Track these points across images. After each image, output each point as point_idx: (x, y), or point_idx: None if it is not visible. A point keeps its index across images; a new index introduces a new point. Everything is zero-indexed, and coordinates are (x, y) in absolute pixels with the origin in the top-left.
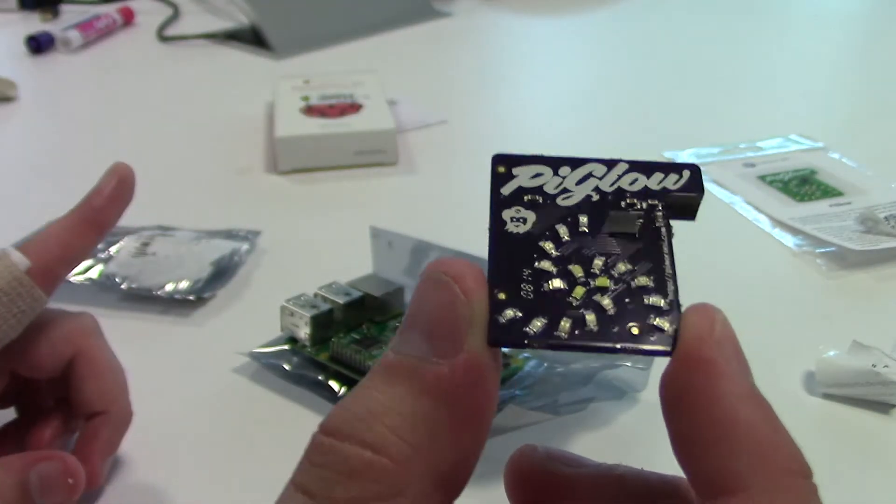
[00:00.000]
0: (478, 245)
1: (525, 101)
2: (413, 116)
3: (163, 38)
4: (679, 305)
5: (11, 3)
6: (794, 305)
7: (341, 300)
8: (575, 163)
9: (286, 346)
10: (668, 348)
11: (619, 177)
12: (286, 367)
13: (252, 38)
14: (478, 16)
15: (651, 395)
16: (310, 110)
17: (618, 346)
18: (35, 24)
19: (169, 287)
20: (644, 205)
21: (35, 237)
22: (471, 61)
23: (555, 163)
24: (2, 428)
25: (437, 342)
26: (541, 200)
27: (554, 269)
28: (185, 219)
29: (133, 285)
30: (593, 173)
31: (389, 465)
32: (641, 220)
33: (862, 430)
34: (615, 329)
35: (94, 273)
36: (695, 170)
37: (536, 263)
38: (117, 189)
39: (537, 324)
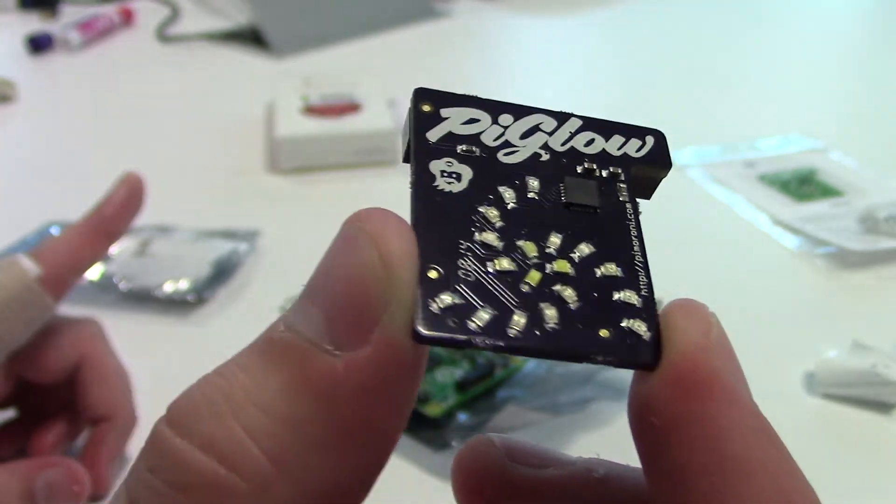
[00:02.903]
0: None
1: (525, 101)
2: None
3: (162, 38)
4: (654, 303)
5: (11, 2)
6: (794, 306)
7: None
8: (518, 111)
9: None
10: (650, 361)
11: (572, 135)
12: None
13: (252, 38)
14: (478, 16)
15: None
16: (310, 110)
17: (588, 354)
18: (34, 23)
19: (168, 287)
20: (604, 173)
21: (45, 244)
22: (471, 61)
23: (493, 108)
24: (1, 427)
25: (337, 324)
26: (478, 153)
27: (500, 245)
28: (185, 219)
29: (132, 285)
30: (541, 126)
31: (240, 487)
32: (602, 192)
33: (862, 430)
34: (580, 330)
35: (93, 273)
36: (659, 136)
37: (477, 234)
38: (128, 198)
39: (483, 316)
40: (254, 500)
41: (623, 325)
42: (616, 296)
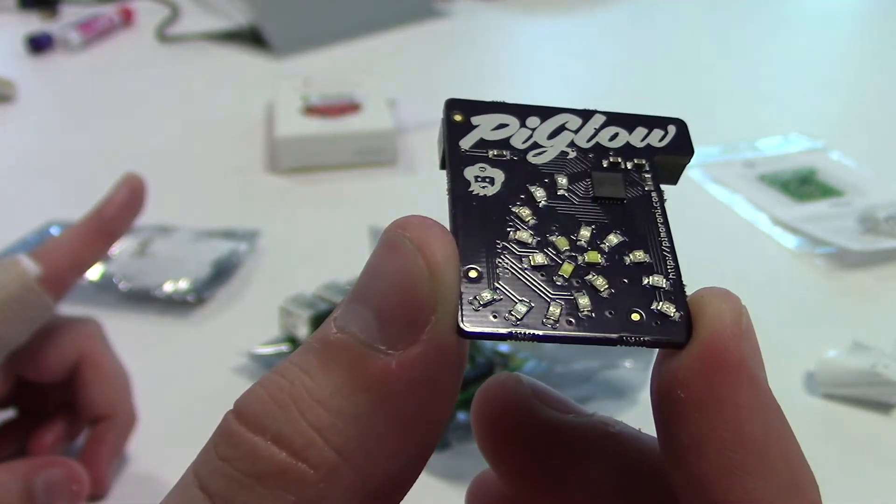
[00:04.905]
0: None
1: (525, 101)
2: (413, 116)
3: (162, 38)
4: (683, 286)
5: (11, 2)
6: (794, 305)
7: (340, 300)
8: (544, 112)
9: (285, 347)
10: (681, 340)
11: (597, 131)
12: None
13: (252, 38)
14: (478, 16)
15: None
16: (309, 110)
17: (621, 336)
18: (34, 23)
19: (168, 287)
20: (629, 165)
21: (46, 244)
22: (471, 61)
23: (521, 112)
24: (0, 426)
25: (389, 327)
26: (508, 156)
27: (533, 241)
28: (185, 219)
29: (132, 285)
30: (567, 126)
31: (309, 475)
32: (628, 183)
33: (862, 430)
34: (613, 315)
35: (93, 273)
36: (681, 125)
37: (512, 233)
38: (128, 199)
39: (521, 309)
40: (322, 486)
41: (653, 307)
42: (645, 281)
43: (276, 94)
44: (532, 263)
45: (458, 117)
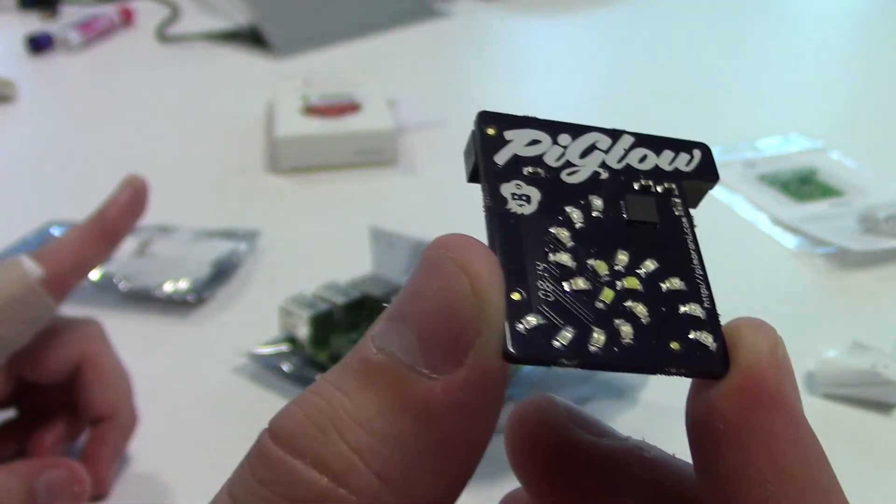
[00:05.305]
0: None
1: (525, 101)
2: (413, 116)
3: (162, 38)
4: (717, 315)
5: (11, 2)
6: (794, 305)
7: (340, 300)
8: (575, 130)
9: (285, 347)
10: (719, 371)
11: (626, 152)
12: (285, 367)
13: (252, 38)
14: (478, 16)
15: (650, 394)
16: (309, 110)
17: (664, 367)
18: (34, 23)
19: (168, 287)
20: (660, 188)
21: (48, 246)
22: (471, 61)
23: (552, 128)
24: (1, 427)
25: (433, 350)
26: (543, 174)
27: (573, 265)
28: (185, 219)
29: (132, 286)
30: (597, 145)
31: (349, 500)
32: (660, 207)
33: (862, 430)
34: (654, 344)
35: (93, 274)
36: (705, 150)
37: (551, 255)
38: (131, 201)
39: (566, 335)
40: None
41: (691, 336)
42: (682, 309)
43: (276, 94)
44: (574, 287)
45: (491, 131)
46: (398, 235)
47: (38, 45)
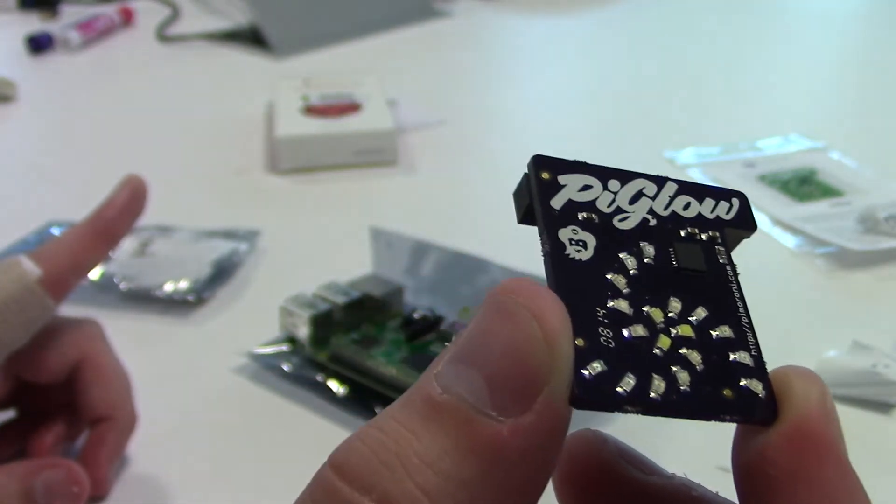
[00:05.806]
0: (478, 246)
1: (525, 101)
2: (413, 116)
3: (162, 38)
4: (764, 362)
5: (11, 2)
6: (794, 305)
7: (341, 300)
8: (623, 176)
9: (285, 347)
10: (769, 418)
11: (671, 199)
12: (285, 367)
13: (252, 38)
14: (478, 16)
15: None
16: (309, 110)
17: (720, 414)
18: (34, 23)
19: (168, 287)
20: (705, 236)
21: (47, 246)
22: (471, 61)
23: (601, 174)
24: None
25: (501, 393)
26: (596, 220)
27: (630, 311)
28: (185, 219)
29: (132, 286)
30: (644, 192)
31: None
32: (706, 255)
33: (862, 430)
34: (709, 391)
35: (93, 274)
36: (743, 199)
37: (610, 302)
38: (129, 201)
39: (629, 381)
40: None
41: (742, 384)
42: (732, 356)
43: (276, 94)
44: (633, 334)
45: (546, 175)
46: (398, 235)
47: (38, 45)
